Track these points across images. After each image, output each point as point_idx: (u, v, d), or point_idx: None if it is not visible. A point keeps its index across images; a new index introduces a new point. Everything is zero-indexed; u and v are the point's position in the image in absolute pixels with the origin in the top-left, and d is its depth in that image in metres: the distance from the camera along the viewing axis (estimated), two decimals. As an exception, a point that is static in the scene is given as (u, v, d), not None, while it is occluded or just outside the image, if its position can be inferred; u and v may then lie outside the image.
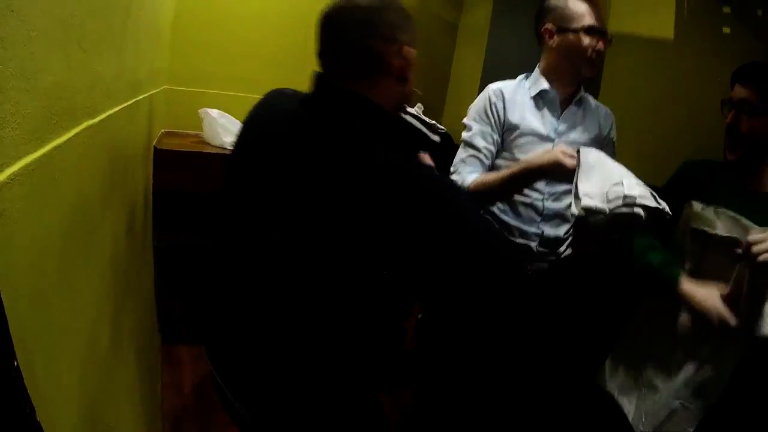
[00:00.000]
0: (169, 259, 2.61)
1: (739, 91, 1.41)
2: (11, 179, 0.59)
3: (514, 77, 1.81)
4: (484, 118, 1.70)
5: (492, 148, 1.69)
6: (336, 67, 1.01)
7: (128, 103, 1.47)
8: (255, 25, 3.27)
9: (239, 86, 3.25)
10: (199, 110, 2.85)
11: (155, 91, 2.45)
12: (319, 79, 1.03)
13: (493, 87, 1.75)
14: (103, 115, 1.15)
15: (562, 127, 1.70)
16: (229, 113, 2.96)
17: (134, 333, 1.63)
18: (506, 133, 1.69)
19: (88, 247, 1.02)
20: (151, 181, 2.43)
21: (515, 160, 1.63)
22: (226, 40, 3.24)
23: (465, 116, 1.78)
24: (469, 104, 1.82)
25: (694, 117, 2.19)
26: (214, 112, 2.86)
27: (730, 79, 1.46)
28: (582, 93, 1.74)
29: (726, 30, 2.24)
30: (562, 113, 1.71)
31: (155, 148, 2.53)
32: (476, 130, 1.70)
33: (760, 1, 2.16)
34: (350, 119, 0.95)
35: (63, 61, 0.78)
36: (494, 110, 1.69)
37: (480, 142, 1.68)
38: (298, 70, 3.25)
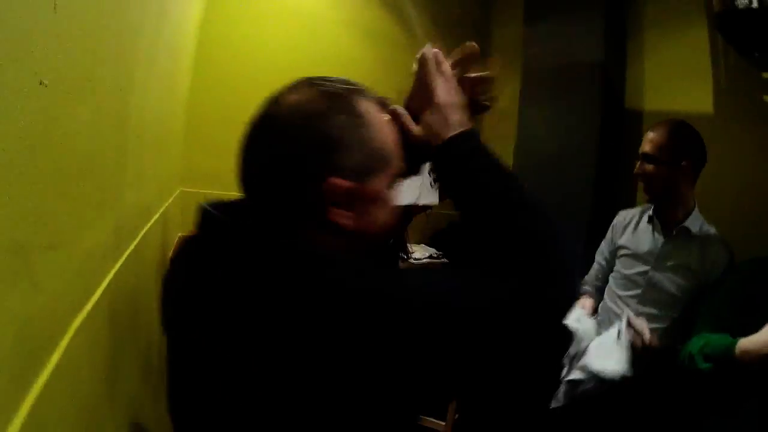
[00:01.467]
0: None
1: None
2: None
3: (545, 154, 1.98)
4: None
5: None
6: (252, 197, 0.77)
7: (131, 247, 1.23)
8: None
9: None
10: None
11: (169, 201, 2.26)
12: (228, 210, 0.78)
13: None
14: (102, 287, 0.92)
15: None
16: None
17: None
18: None
19: None
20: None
21: None
22: (240, 138, 3.09)
23: None
24: None
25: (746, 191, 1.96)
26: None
27: None
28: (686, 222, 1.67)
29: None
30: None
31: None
32: None
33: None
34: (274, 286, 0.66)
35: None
36: None
37: None
38: None
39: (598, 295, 1.87)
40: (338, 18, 3.37)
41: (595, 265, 1.92)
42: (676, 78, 2.29)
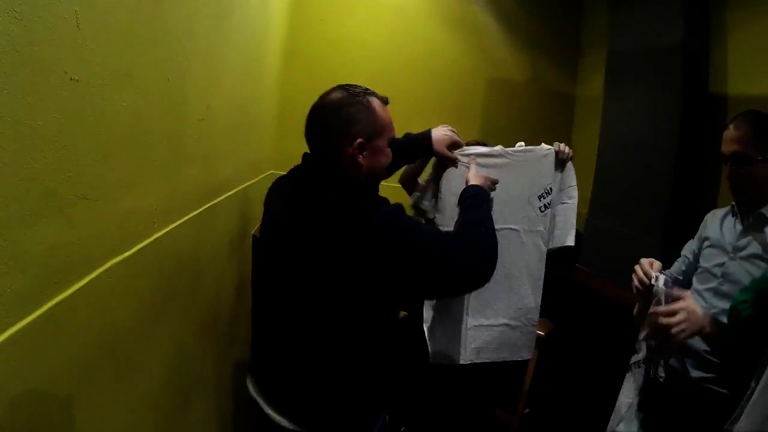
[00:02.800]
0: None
1: None
2: None
3: (630, 146, 1.92)
4: None
5: None
6: (314, 150, 1.33)
7: (191, 214, 1.47)
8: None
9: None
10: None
11: (254, 180, 2.53)
12: (305, 157, 1.37)
13: None
14: (148, 240, 1.15)
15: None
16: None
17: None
18: None
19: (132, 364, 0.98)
20: (250, 271, 2.48)
21: None
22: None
23: (584, 193, 1.75)
24: (588, 180, 1.74)
25: None
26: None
27: None
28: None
29: None
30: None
31: (254, 237, 2.58)
32: None
33: None
34: (327, 192, 1.22)
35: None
36: None
37: None
38: None
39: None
40: (425, 6, 3.47)
41: (679, 258, 1.85)
42: (763, 59, 2.12)
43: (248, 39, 2.09)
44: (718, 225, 1.66)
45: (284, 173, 1.46)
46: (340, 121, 1.26)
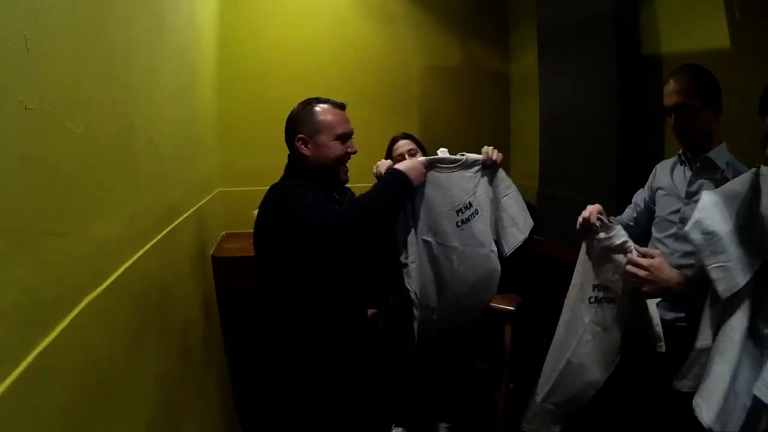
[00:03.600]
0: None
1: None
2: None
3: (573, 119, 1.98)
4: None
5: None
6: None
7: (154, 240, 1.42)
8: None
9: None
10: (253, 212, 2.83)
11: (205, 200, 2.47)
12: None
13: None
14: (119, 271, 1.10)
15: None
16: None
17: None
18: None
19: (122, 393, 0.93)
20: (213, 289, 2.42)
21: None
22: (274, 133, 3.25)
23: (530, 166, 1.76)
24: (533, 153, 1.78)
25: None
26: (266, 211, 2.82)
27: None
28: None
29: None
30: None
31: (213, 257, 2.51)
32: None
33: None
34: (285, 177, 1.68)
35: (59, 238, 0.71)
36: None
37: None
38: None
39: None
40: (351, 3, 3.46)
41: (629, 206, 1.93)
42: (691, 17, 2.23)
43: (182, 55, 2.03)
44: (668, 174, 1.75)
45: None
46: (290, 124, 1.66)
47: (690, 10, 2.26)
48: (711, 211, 1.23)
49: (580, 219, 1.57)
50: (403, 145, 2.25)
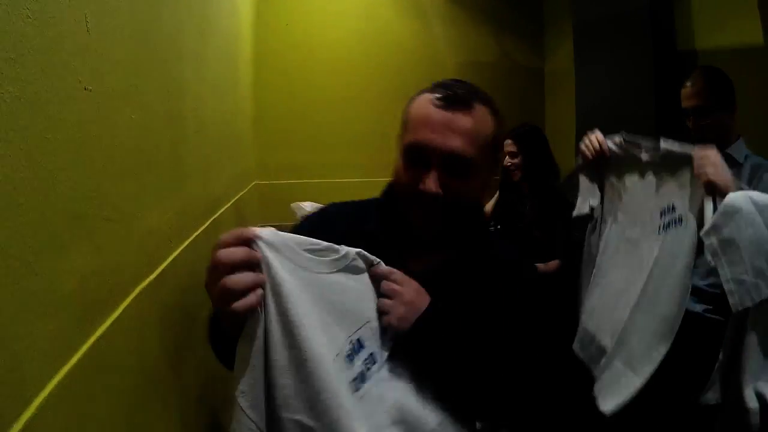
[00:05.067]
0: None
1: None
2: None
3: (609, 117, 1.98)
4: None
5: None
6: None
7: (199, 230, 1.41)
8: (335, 110, 3.29)
9: (327, 173, 3.25)
10: (291, 204, 2.83)
11: (242, 192, 2.46)
12: None
13: None
14: (169, 260, 1.09)
15: None
16: (322, 201, 2.92)
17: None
18: None
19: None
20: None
21: None
22: (308, 128, 3.28)
23: (566, 163, 1.72)
24: (569, 149, 1.76)
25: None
26: (306, 205, 2.81)
27: None
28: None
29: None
30: None
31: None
32: None
33: None
34: None
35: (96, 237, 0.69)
36: None
37: None
38: (383, 151, 3.28)
39: None
40: (392, 1, 3.43)
41: None
42: (724, 13, 2.21)
43: (226, 48, 2.02)
44: None
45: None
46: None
47: (723, 7, 2.24)
48: (733, 216, 1.12)
49: (585, 151, 1.57)
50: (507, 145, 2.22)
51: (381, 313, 0.83)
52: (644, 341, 1.32)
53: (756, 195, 1.15)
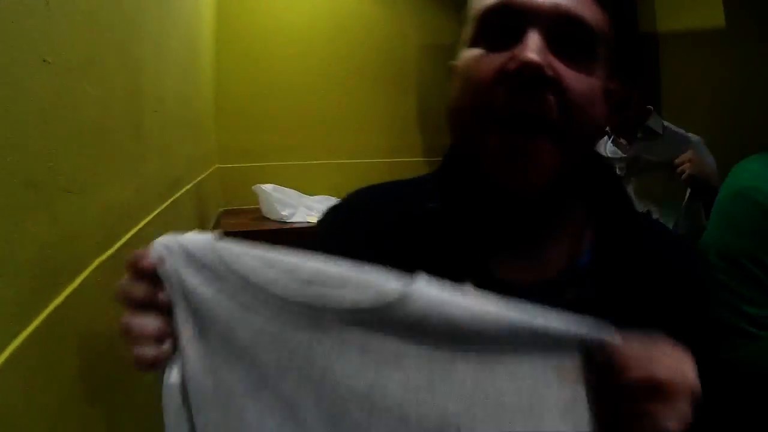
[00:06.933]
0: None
1: None
2: None
3: None
4: None
5: None
6: None
7: (158, 209, 1.41)
8: (298, 93, 3.27)
9: (291, 156, 3.24)
10: (253, 187, 2.83)
11: (203, 175, 2.45)
12: None
13: None
14: (127, 236, 1.10)
15: None
16: (285, 184, 2.94)
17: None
18: None
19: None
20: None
21: None
22: (271, 111, 3.26)
23: None
24: None
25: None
26: (268, 187, 2.82)
27: None
28: None
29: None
30: None
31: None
32: None
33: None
34: None
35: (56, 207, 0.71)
36: None
37: None
38: (346, 132, 3.30)
39: None
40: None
41: None
42: None
43: (187, 29, 2.01)
44: None
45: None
46: None
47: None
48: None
49: None
50: None
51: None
52: None
53: None
